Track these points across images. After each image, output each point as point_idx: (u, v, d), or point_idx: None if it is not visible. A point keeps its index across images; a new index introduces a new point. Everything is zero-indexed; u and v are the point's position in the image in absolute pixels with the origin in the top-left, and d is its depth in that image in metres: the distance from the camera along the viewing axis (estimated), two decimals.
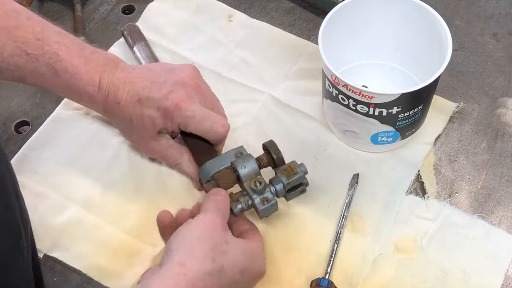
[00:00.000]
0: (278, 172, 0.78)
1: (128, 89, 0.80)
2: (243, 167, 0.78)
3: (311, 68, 0.96)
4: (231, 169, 0.79)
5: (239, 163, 0.78)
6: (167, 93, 0.79)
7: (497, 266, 0.80)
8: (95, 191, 0.86)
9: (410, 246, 0.82)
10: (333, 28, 0.83)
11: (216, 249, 0.69)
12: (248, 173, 0.78)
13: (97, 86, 0.80)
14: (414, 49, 0.89)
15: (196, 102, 0.80)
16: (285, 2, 1.04)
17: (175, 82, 0.80)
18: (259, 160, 0.79)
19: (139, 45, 0.96)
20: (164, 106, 0.78)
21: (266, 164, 0.80)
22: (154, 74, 0.81)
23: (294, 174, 0.78)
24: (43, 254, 0.82)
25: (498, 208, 0.85)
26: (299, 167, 0.78)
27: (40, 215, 0.84)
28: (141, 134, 0.82)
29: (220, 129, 0.80)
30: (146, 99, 0.79)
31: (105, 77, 0.80)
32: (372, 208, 0.84)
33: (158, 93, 0.79)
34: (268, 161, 0.79)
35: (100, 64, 0.81)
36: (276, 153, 0.79)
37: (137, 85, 0.80)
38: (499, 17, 1.02)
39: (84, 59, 0.80)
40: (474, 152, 0.89)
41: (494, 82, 0.95)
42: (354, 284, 0.79)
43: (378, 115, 0.81)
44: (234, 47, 1.00)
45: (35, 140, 0.91)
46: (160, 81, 0.80)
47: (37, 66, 0.79)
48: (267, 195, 0.77)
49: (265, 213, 0.78)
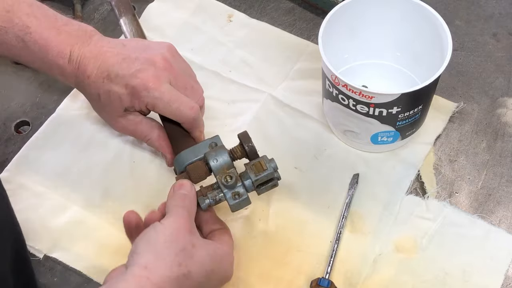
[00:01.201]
0: (247, 168, 0.76)
1: (98, 64, 0.78)
2: (215, 160, 0.75)
3: (311, 68, 0.96)
4: (203, 161, 0.77)
5: (212, 156, 0.76)
6: (136, 71, 0.77)
7: (497, 266, 0.80)
8: (95, 192, 0.86)
9: (410, 246, 0.82)
10: (333, 28, 0.83)
11: (182, 253, 0.67)
12: (220, 166, 0.75)
13: (67, 59, 0.79)
14: (414, 49, 0.89)
15: (165, 82, 0.78)
16: (285, 2, 1.04)
17: (146, 60, 0.78)
18: (233, 152, 0.77)
19: (126, 18, 0.94)
20: (132, 84, 0.77)
21: (240, 157, 0.77)
22: (127, 50, 0.79)
23: (263, 171, 0.75)
24: (43, 254, 0.82)
25: (498, 208, 0.85)
26: (268, 163, 0.76)
27: (40, 215, 0.84)
28: (109, 110, 0.81)
29: (188, 111, 0.78)
30: (115, 75, 0.78)
31: (75, 50, 0.79)
32: (372, 208, 0.84)
33: (127, 70, 0.77)
34: (241, 153, 0.77)
35: (72, 36, 0.79)
36: (248, 146, 0.77)
37: (108, 60, 0.78)
38: (499, 17, 1.02)
39: (55, 30, 0.79)
40: (474, 152, 0.89)
41: (494, 82, 0.95)
42: (354, 284, 0.79)
43: (378, 115, 0.81)
44: (234, 47, 1.00)
45: (36, 141, 0.91)
46: (131, 57, 0.78)
47: (6, 38, 0.78)
48: (239, 189, 0.75)
49: (236, 208, 0.76)
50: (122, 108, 0.80)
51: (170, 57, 0.80)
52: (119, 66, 0.78)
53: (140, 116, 0.82)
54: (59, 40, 0.79)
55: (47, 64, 0.80)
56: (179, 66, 0.81)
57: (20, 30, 0.78)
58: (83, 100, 0.93)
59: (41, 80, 0.97)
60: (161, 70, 0.78)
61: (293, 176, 0.87)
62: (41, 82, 0.97)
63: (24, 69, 0.98)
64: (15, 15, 0.78)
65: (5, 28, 0.78)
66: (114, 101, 0.79)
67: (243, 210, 0.83)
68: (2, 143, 0.91)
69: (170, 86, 0.78)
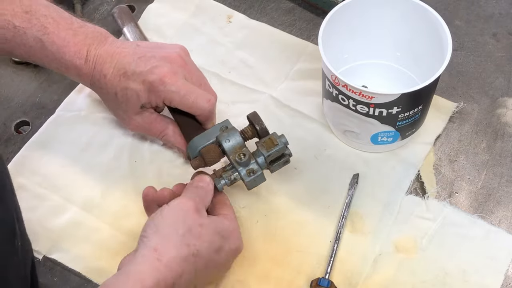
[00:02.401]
0: (258, 145, 0.78)
1: (115, 63, 0.80)
2: (227, 141, 0.78)
3: (311, 68, 0.96)
4: (216, 143, 0.79)
5: (224, 137, 0.78)
6: (152, 68, 0.79)
7: (497, 266, 0.80)
8: (95, 193, 0.86)
9: (410, 246, 0.82)
10: (333, 28, 0.83)
11: (190, 234, 0.70)
12: (232, 146, 0.78)
13: (84, 59, 0.81)
14: (414, 49, 0.89)
15: (181, 77, 0.80)
16: (285, 2, 1.04)
17: (162, 57, 0.80)
18: (244, 133, 0.80)
19: (129, 26, 0.97)
20: (149, 80, 0.79)
21: (251, 136, 0.80)
22: (142, 50, 0.81)
23: (274, 146, 0.77)
24: (42, 255, 0.82)
25: (498, 208, 0.85)
26: (279, 138, 0.78)
27: (40, 216, 0.84)
28: (125, 108, 0.83)
29: (205, 104, 0.80)
30: (131, 72, 0.80)
31: (92, 50, 0.81)
32: (372, 208, 0.84)
33: (144, 67, 0.79)
34: (252, 133, 0.80)
35: (88, 37, 0.81)
36: (259, 124, 0.79)
37: (124, 59, 0.80)
38: (499, 17, 1.02)
39: (72, 31, 0.81)
40: (474, 152, 0.89)
41: (494, 82, 0.95)
42: (354, 284, 0.79)
43: (378, 115, 0.81)
44: (234, 48, 1.00)
45: (35, 141, 0.91)
46: (147, 56, 0.80)
47: (24, 39, 0.80)
48: (253, 166, 0.77)
49: (252, 185, 0.78)
50: (139, 104, 0.82)
51: (184, 56, 0.83)
52: (135, 64, 0.80)
53: (155, 113, 0.84)
54: (76, 41, 0.81)
55: (64, 65, 0.82)
56: (192, 64, 0.84)
57: (38, 30, 0.80)
58: (82, 101, 0.94)
59: (41, 80, 0.97)
60: (176, 66, 0.81)
61: (293, 176, 0.87)
62: (41, 82, 0.97)
63: (24, 69, 0.98)
64: (33, 16, 0.80)
65: (23, 28, 0.79)
66: (131, 97, 0.81)
67: (243, 210, 0.83)
68: (2, 143, 0.91)
69: (186, 81, 0.81)
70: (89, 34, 0.82)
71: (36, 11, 0.80)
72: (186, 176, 0.87)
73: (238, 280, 0.79)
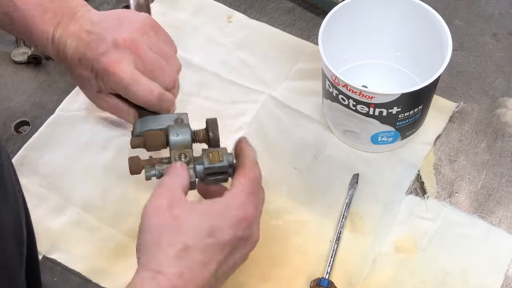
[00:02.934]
0: (203, 153, 0.73)
1: (74, 45, 0.77)
2: (175, 135, 0.74)
3: (311, 69, 0.96)
4: (164, 132, 0.75)
5: (174, 130, 0.74)
6: (99, 55, 0.76)
7: (497, 266, 0.80)
8: (95, 193, 0.86)
9: (410, 246, 0.82)
10: (333, 28, 0.83)
11: (167, 231, 0.64)
12: (178, 142, 0.74)
13: (50, 39, 0.78)
14: (414, 49, 0.89)
15: (128, 65, 0.75)
16: (285, 2, 1.04)
17: (112, 41, 0.76)
18: (196, 134, 0.75)
19: None
20: (95, 68, 0.76)
21: (201, 140, 0.76)
22: (100, 29, 0.77)
23: (218, 161, 0.72)
24: (42, 255, 0.82)
25: (498, 208, 0.85)
26: (226, 156, 0.73)
27: (39, 216, 0.84)
28: (86, 91, 0.81)
29: (147, 96, 0.76)
30: (83, 57, 0.76)
31: (58, 30, 0.77)
32: (372, 208, 0.84)
33: (94, 53, 0.76)
34: (203, 137, 0.75)
35: (57, 14, 0.78)
36: (213, 133, 0.75)
37: (81, 41, 0.77)
38: (499, 17, 1.02)
39: (41, 8, 0.77)
40: (474, 152, 0.89)
41: (494, 82, 0.95)
42: (354, 284, 0.79)
43: (378, 115, 0.81)
44: (234, 48, 1.00)
45: (35, 141, 0.91)
46: (100, 38, 0.76)
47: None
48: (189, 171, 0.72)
49: None
50: (94, 90, 0.79)
51: (139, 36, 0.78)
52: (87, 47, 0.76)
53: (115, 99, 0.80)
54: (45, 18, 0.77)
55: (33, 42, 0.80)
56: (151, 44, 0.78)
57: (8, 6, 0.77)
58: (82, 101, 0.94)
59: (41, 80, 0.97)
60: (124, 53, 0.76)
61: (293, 176, 0.87)
62: (41, 82, 0.97)
63: (24, 69, 0.98)
64: None
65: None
66: (86, 83, 0.79)
67: None
68: (2, 143, 0.91)
69: (133, 69, 0.76)
70: (58, 10, 0.77)
71: None
72: None
73: (237, 282, 0.79)
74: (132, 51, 0.76)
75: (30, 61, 0.97)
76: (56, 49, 0.78)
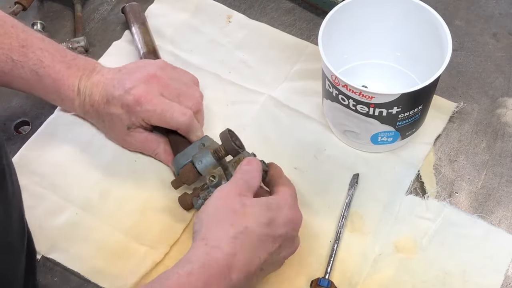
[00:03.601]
0: (229, 166, 0.79)
1: (99, 91, 0.83)
2: (200, 162, 0.79)
3: (310, 69, 0.96)
4: (191, 165, 0.80)
5: (197, 159, 0.80)
6: (128, 90, 0.82)
7: (497, 266, 0.80)
8: (93, 193, 0.86)
9: (410, 246, 0.82)
10: (333, 28, 0.83)
11: (234, 214, 0.70)
12: (205, 167, 0.79)
13: (76, 91, 0.84)
14: (414, 49, 0.89)
15: (157, 95, 0.82)
16: (285, 2, 1.04)
17: (138, 79, 0.83)
18: (217, 152, 0.80)
19: (135, 27, 0.98)
20: (126, 103, 0.82)
21: (224, 155, 0.81)
22: (122, 74, 0.84)
23: None
24: (41, 255, 0.82)
25: (498, 208, 0.85)
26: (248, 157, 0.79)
27: (39, 216, 0.84)
28: (115, 131, 0.86)
29: (181, 118, 0.82)
30: (111, 98, 0.83)
31: (82, 82, 0.84)
32: (372, 208, 0.84)
33: (121, 91, 0.82)
34: (225, 152, 0.80)
35: (80, 69, 0.85)
36: (227, 145, 0.79)
37: (107, 86, 0.83)
38: (499, 17, 1.02)
39: (66, 64, 0.84)
40: (474, 152, 0.89)
41: (494, 82, 0.95)
42: (354, 284, 0.79)
43: (378, 115, 0.81)
44: (233, 48, 1.00)
45: (34, 141, 0.91)
46: (123, 79, 0.83)
47: (22, 72, 0.83)
48: None
49: None
50: (124, 127, 0.84)
51: (159, 72, 0.85)
52: (114, 89, 0.83)
53: (145, 133, 0.86)
54: (70, 73, 0.84)
55: (58, 97, 0.86)
56: (171, 77, 0.85)
57: (34, 64, 0.83)
58: None
59: None
60: (151, 85, 0.83)
61: (293, 176, 0.87)
62: None
63: None
64: (29, 50, 0.83)
65: (21, 62, 0.82)
66: (116, 122, 0.84)
67: None
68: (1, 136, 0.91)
69: (162, 97, 0.83)
70: (80, 66, 0.85)
71: (32, 45, 0.83)
72: None
73: None
74: (157, 82, 0.83)
75: None
76: (83, 99, 0.85)
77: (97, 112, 0.85)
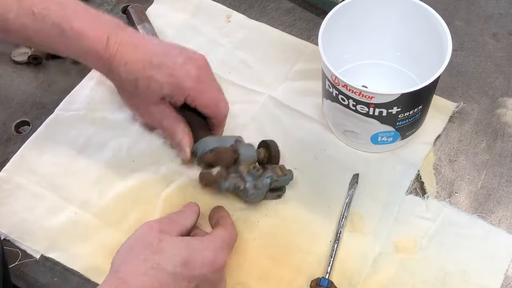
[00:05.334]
0: (269, 168, 0.81)
1: (140, 51, 0.80)
2: (243, 151, 0.81)
3: (310, 69, 0.96)
4: (232, 149, 0.81)
5: (242, 146, 0.81)
6: (182, 63, 0.80)
7: (497, 266, 0.80)
8: (93, 192, 0.86)
9: (410, 246, 0.82)
10: (333, 28, 0.83)
11: (148, 249, 0.69)
12: (247, 158, 0.81)
13: (104, 44, 0.80)
14: (414, 49, 0.89)
15: (209, 79, 0.82)
16: (285, 2, 1.04)
17: (190, 57, 0.81)
18: (258, 153, 0.82)
19: (145, 24, 0.98)
20: (177, 74, 0.80)
21: (262, 159, 0.82)
22: (167, 46, 0.82)
23: (284, 175, 0.82)
24: (40, 254, 0.82)
25: (498, 208, 0.85)
26: (288, 172, 0.82)
27: (38, 215, 0.84)
28: (144, 97, 0.82)
29: (225, 108, 0.83)
30: (158, 63, 0.80)
31: (113, 37, 0.80)
32: (372, 208, 0.84)
33: (173, 61, 0.80)
34: (264, 157, 0.82)
35: (106, 25, 0.81)
36: (275, 151, 0.82)
37: (151, 48, 0.80)
38: (499, 17, 1.02)
39: (91, 18, 0.81)
40: (474, 152, 0.89)
41: (494, 82, 0.95)
42: (354, 284, 0.79)
43: (378, 115, 0.81)
44: (233, 48, 1.00)
45: (34, 141, 0.90)
46: (174, 51, 0.81)
47: (43, 26, 0.79)
48: (259, 183, 0.80)
49: (251, 199, 0.81)
50: (159, 96, 0.81)
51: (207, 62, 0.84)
52: (164, 56, 0.80)
53: (170, 108, 0.84)
54: (95, 27, 0.80)
55: (82, 51, 0.81)
56: None
57: (56, 17, 0.79)
58: (81, 101, 0.94)
59: (41, 80, 0.97)
60: (203, 68, 0.82)
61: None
62: (41, 82, 0.97)
63: (24, 69, 0.98)
64: (52, 3, 0.79)
65: (42, 15, 0.78)
66: (153, 87, 0.80)
67: (243, 210, 0.83)
68: (2, 143, 0.91)
69: (216, 82, 0.83)
70: (107, 22, 0.81)
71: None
72: (186, 176, 0.87)
73: (238, 282, 0.79)
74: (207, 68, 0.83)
75: (30, 61, 0.97)
76: (111, 55, 0.80)
77: (131, 72, 0.80)
